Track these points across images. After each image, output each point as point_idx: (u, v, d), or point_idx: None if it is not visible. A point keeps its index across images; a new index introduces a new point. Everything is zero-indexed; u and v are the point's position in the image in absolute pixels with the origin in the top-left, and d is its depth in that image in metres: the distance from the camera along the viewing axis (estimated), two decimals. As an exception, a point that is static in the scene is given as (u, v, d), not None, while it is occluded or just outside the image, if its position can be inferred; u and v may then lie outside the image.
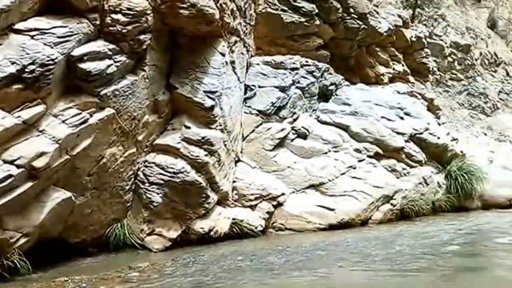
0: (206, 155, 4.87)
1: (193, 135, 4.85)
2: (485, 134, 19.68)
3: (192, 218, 4.84)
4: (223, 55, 5.36)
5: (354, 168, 6.81)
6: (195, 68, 5.09)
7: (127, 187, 4.56)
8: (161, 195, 4.60)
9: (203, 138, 4.87)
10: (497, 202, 8.33)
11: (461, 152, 8.58)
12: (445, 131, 9.74)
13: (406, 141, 7.62)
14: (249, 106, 6.55)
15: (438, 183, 7.80)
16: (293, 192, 6.23)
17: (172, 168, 4.62)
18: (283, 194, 6.00)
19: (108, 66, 3.95)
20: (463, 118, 20.87)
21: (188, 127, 4.90)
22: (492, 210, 8.10)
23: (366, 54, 9.40)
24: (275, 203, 5.88)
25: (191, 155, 4.76)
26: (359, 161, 6.96)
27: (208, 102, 4.97)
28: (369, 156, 7.11)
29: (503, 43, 30.40)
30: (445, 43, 21.68)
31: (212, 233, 4.97)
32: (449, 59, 22.12)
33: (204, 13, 4.76)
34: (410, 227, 6.23)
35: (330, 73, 7.95)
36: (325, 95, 7.84)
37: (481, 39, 26.19)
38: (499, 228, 6.18)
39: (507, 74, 26.76)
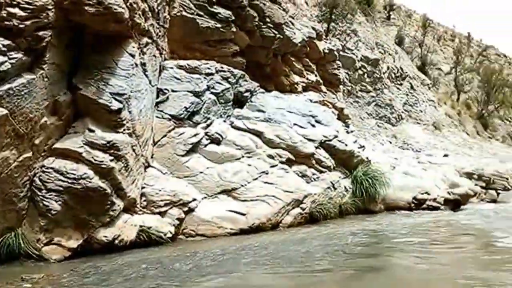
0: (111, 160, 4.73)
1: (97, 139, 4.68)
2: (390, 142, 21.56)
3: (95, 226, 4.67)
4: (132, 56, 5.26)
5: (267, 173, 7.04)
6: (102, 68, 4.92)
7: (21, 194, 4.27)
8: (60, 202, 4.36)
9: (108, 142, 4.72)
10: (399, 205, 9.07)
11: (367, 158, 9.27)
12: (353, 138, 10.49)
13: (317, 147, 8.06)
14: (161, 111, 6.49)
15: (345, 187, 8.32)
16: (205, 197, 6.29)
17: (72, 173, 4.41)
18: (194, 199, 6.02)
19: (2, 63, 3.72)
20: (371, 127, 22.63)
21: (92, 131, 4.72)
22: (394, 212, 8.77)
23: (282, 63, 9.84)
24: (186, 209, 5.87)
25: (95, 160, 4.59)
26: (272, 166, 7.22)
27: (115, 105, 4.83)
28: (281, 162, 7.40)
29: (408, 59, 33.62)
30: (356, 56, 23.39)
31: (117, 241, 4.82)
32: (360, 72, 23.90)
33: (112, 11, 4.63)
34: (318, 230, 6.56)
35: (246, 80, 8.19)
36: (240, 101, 8.05)
37: (389, 54, 28.70)
38: (399, 229, 6.71)
39: (411, 87, 29.60)
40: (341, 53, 20.93)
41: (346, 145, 8.71)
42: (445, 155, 19.00)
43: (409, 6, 43.23)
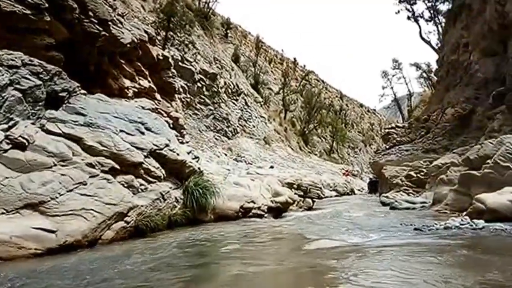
0: None
1: None
2: (226, 155, 22.40)
3: None
4: None
5: (85, 184, 6.27)
6: None
7: None
8: None
9: None
10: (227, 214, 9.25)
11: (199, 169, 9.23)
12: (187, 149, 10.36)
13: (146, 156, 7.62)
14: None
15: (176, 198, 8.08)
16: (3, 213, 5.24)
17: None
18: (-15, 216, 4.92)
19: None
20: (208, 139, 23.17)
21: None
22: (223, 221, 8.86)
23: (110, 65, 9.08)
24: (-28, 228, 4.75)
25: None
26: (92, 176, 6.47)
27: None
28: (103, 172, 6.70)
29: (243, 76, 35.84)
30: (195, 69, 23.76)
31: None
32: (199, 84, 24.33)
33: None
34: (144, 244, 6.15)
35: (63, 78, 7.18)
36: (55, 102, 7.01)
37: (226, 70, 30.08)
38: (226, 238, 6.77)
39: (246, 103, 31.54)
40: (180, 64, 20.94)
41: (178, 154, 8.51)
42: (271, 167, 20.63)
43: (245, 27, 46.42)
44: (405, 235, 6.30)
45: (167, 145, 8.31)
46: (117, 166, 6.94)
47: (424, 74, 41.42)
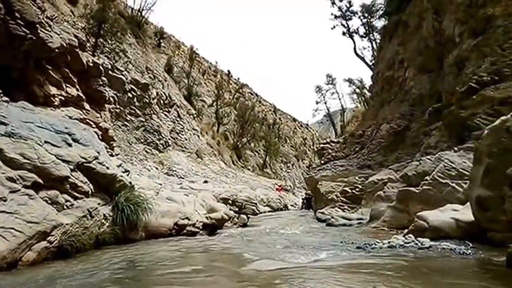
0: None
1: None
2: (157, 168, 21.86)
3: None
4: None
5: (5, 200, 5.81)
6: None
7: None
8: None
9: None
10: (160, 231, 9.00)
11: (130, 183, 8.92)
12: (117, 162, 9.98)
13: (73, 170, 7.23)
14: None
15: (105, 215, 7.71)
16: None
17: None
18: None
19: None
20: (138, 152, 22.47)
21: None
22: (155, 239, 8.58)
23: (35, 70, 8.55)
24: None
25: None
26: (12, 192, 6.01)
27: None
28: (25, 186, 6.25)
29: (176, 88, 35.44)
30: (126, 78, 23.07)
31: None
32: (129, 94, 23.62)
33: None
34: (68, 266, 5.77)
35: (-18, 84, 6.69)
36: (-28, 109, 6.50)
37: (159, 80, 29.54)
38: (159, 259, 6.40)
39: (178, 115, 31.12)
40: (110, 72, 20.22)
41: (107, 168, 8.17)
42: (205, 181, 20.50)
43: (178, 37, 46.15)
44: (349, 254, 6.10)
45: (96, 158, 7.95)
46: (40, 181, 6.50)
47: (357, 90, 43.75)
